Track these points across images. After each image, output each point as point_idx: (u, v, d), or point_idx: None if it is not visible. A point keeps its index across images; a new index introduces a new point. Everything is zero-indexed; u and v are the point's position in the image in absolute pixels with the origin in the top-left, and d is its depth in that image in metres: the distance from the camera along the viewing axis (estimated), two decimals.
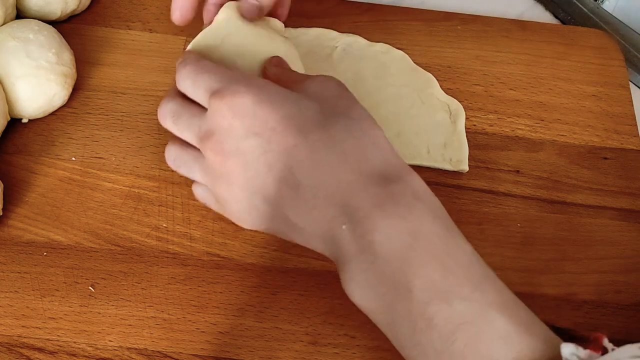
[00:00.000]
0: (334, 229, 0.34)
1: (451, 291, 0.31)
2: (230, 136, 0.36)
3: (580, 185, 0.47)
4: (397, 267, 0.32)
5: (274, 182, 0.35)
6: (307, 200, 0.35)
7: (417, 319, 0.32)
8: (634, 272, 0.44)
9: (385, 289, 0.33)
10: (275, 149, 0.35)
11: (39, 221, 0.43)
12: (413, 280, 0.32)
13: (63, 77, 0.46)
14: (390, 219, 0.33)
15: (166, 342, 0.39)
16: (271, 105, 0.36)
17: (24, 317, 0.40)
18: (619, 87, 0.52)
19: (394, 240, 0.33)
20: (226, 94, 0.36)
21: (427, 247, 0.33)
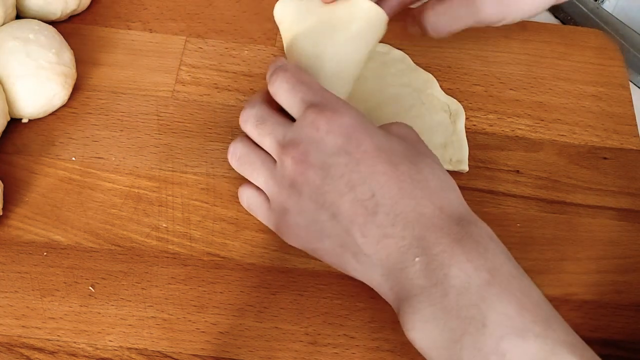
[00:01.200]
0: (405, 261, 0.35)
1: (526, 328, 0.32)
2: (319, 149, 0.36)
3: (580, 185, 0.47)
4: (472, 301, 0.33)
5: (351, 202, 0.36)
6: (383, 227, 0.35)
7: (490, 355, 0.32)
8: (633, 272, 0.44)
9: (455, 323, 0.33)
10: (362, 170, 0.36)
11: (39, 221, 0.43)
12: (488, 314, 0.32)
13: (63, 77, 0.46)
14: (469, 255, 0.34)
15: (166, 342, 0.39)
16: (367, 132, 0.37)
17: (24, 317, 0.40)
18: (619, 87, 0.52)
19: (472, 275, 0.33)
20: (326, 110, 0.37)
21: (504, 284, 0.33)
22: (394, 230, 0.35)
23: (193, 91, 0.50)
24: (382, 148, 0.37)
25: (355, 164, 0.36)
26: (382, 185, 0.36)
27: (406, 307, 0.34)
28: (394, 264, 0.35)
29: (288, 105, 0.39)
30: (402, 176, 0.36)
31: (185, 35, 0.52)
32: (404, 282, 0.35)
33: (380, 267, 0.36)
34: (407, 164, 0.36)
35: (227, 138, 0.47)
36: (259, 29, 0.53)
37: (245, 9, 0.54)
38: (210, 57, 0.51)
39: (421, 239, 0.35)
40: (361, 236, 0.36)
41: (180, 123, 0.48)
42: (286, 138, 0.38)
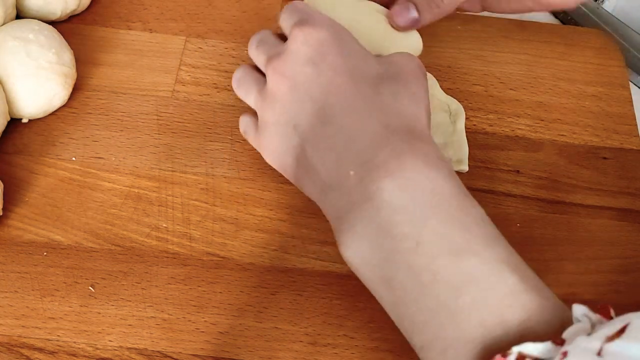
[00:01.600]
0: (341, 175, 0.34)
1: (463, 247, 0.31)
2: (294, 60, 0.38)
3: (580, 185, 0.47)
4: (406, 219, 0.32)
5: (309, 113, 0.37)
6: (329, 138, 0.36)
7: (421, 272, 0.31)
8: (633, 272, 0.44)
9: (388, 241, 0.32)
10: (323, 82, 0.37)
11: (39, 221, 0.43)
12: (422, 233, 0.31)
13: (63, 77, 0.46)
14: (407, 170, 0.33)
15: (166, 342, 0.39)
16: (340, 48, 0.38)
17: (24, 317, 0.40)
18: (619, 87, 0.52)
19: (407, 190, 0.32)
20: (307, 24, 0.38)
21: (443, 202, 0.32)
22: (336, 142, 0.35)
23: (193, 91, 0.50)
24: (349, 64, 0.37)
25: (317, 75, 0.37)
26: (337, 97, 0.36)
27: (340, 224, 0.34)
28: (333, 179, 0.35)
29: (285, 28, 0.40)
30: (357, 93, 0.36)
31: (185, 35, 0.52)
32: (339, 198, 0.34)
33: (323, 183, 0.36)
34: (369, 83, 0.37)
35: (227, 138, 0.47)
36: (259, 29, 0.53)
37: (245, 9, 0.54)
38: (210, 57, 0.51)
39: (360, 152, 0.34)
40: (311, 148, 0.36)
41: (180, 123, 0.48)
42: (274, 52, 0.39)
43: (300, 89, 0.37)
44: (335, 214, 0.35)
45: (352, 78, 0.37)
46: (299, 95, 0.37)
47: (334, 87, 0.37)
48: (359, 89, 0.36)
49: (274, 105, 0.38)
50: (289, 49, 0.38)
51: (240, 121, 0.43)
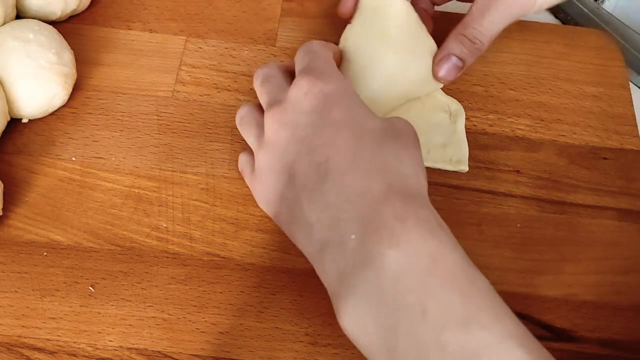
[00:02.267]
0: (342, 236, 0.33)
1: (470, 318, 0.30)
2: (295, 109, 0.37)
3: (580, 185, 0.47)
4: (410, 287, 0.30)
5: (307, 164, 0.36)
6: (328, 194, 0.34)
7: (429, 345, 0.29)
8: (633, 273, 0.44)
9: (389, 309, 0.30)
10: (325, 135, 0.36)
11: (39, 221, 0.43)
12: (428, 303, 0.30)
13: (63, 77, 0.46)
14: (410, 236, 0.31)
15: (166, 342, 0.39)
16: (344, 103, 0.37)
17: (24, 317, 0.40)
18: (619, 87, 0.52)
19: (411, 258, 0.31)
20: (314, 74, 0.37)
21: (448, 272, 0.31)
22: (337, 200, 0.34)
23: (193, 91, 0.50)
24: (354, 120, 0.36)
25: (321, 128, 0.36)
26: (338, 152, 0.35)
27: (338, 290, 0.32)
28: (332, 238, 0.33)
29: (296, 68, 0.40)
30: (360, 150, 0.35)
31: (185, 35, 0.52)
32: (338, 261, 0.33)
33: (319, 242, 0.34)
34: (372, 141, 0.36)
35: (227, 138, 0.47)
36: (259, 29, 0.53)
37: (245, 9, 0.54)
38: (210, 57, 0.51)
39: (362, 215, 0.33)
40: (307, 202, 0.35)
41: (180, 123, 0.48)
42: (276, 97, 0.39)
43: (300, 140, 0.36)
44: (332, 276, 0.33)
45: (355, 135, 0.36)
46: (297, 146, 0.36)
47: (337, 142, 0.35)
48: (361, 146, 0.35)
49: (271, 152, 0.38)
50: (292, 97, 0.37)
51: (239, 159, 0.43)
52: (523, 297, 0.42)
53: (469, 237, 0.44)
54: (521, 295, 0.42)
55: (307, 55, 0.40)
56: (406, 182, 0.34)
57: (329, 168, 0.35)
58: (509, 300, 0.42)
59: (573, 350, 0.41)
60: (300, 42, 0.53)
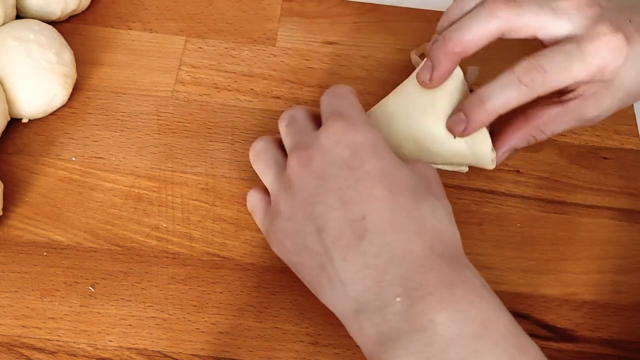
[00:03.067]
0: (384, 299, 0.32)
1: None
2: (324, 158, 0.35)
3: (580, 185, 0.47)
4: (461, 355, 0.30)
5: (339, 219, 0.34)
6: (366, 255, 0.33)
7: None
8: (633, 272, 0.44)
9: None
10: (359, 190, 0.34)
11: (39, 221, 0.43)
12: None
13: (63, 77, 0.46)
14: (460, 303, 0.31)
15: (166, 342, 0.39)
16: (376, 154, 0.35)
17: (24, 317, 0.40)
18: None
19: (462, 325, 0.30)
20: (344, 121, 0.36)
21: (498, 338, 0.31)
22: (377, 261, 0.33)
23: (193, 91, 0.50)
24: (387, 174, 0.34)
25: (354, 181, 0.34)
26: (375, 210, 0.33)
27: (379, 353, 0.31)
28: (371, 300, 0.32)
29: (324, 111, 0.38)
30: (398, 207, 0.34)
31: (185, 35, 0.52)
32: (379, 323, 0.32)
33: (355, 301, 0.33)
34: (408, 197, 0.34)
35: (227, 138, 0.47)
36: (259, 29, 0.53)
37: (245, 9, 0.54)
38: (210, 57, 0.51)
39: (405, 278, 0.32)
40: (341, 259, 0.33)
41: (180, 123, 0.48)
42: (302, 142, 0.37)
43: (330, 190, 0.34)
44: (372, 338, 0.32)
45: (391, 190, 0.34)
46: (327, 197, 0.34)
47: (372, 199, 0.34)
48: (399, 203, 0.34)
49: (294, 198, 0.36)
50: (321, 143, 0.35)
51: (248, 196, 0.41)
52: (524, 296, 0.42)
53: (470, 237, 0.44)
54: (522, 295, 0.42)
55: (335, 99, 0.38)
56: (446, 242, 0.34)
57: (367, 227, 0.33)
58: (510, 300, 0.42)
59: (573, 350, 0.41)
60: (300, 42, 0.53)
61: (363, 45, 0.53)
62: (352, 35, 0.53)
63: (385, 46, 0.53)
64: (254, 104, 0.49)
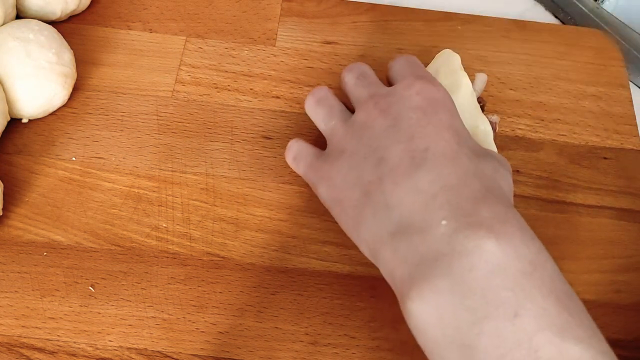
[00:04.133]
0: (429, 220, 0.31)
1: (567, 329, 0.28)
2: (403, 103, 0.37)
3: (580, 184, 0.47)
4: (506, 284, 0.29)
5: (403, 150, 0.35)
6: (419, 181, 0.33)
7: (517, 346, 0.28)
8: (633, 272, 0.44)
9: (477, 302, 0.29)
10: (428, 130, 0.35)
11: (39, 221, 0.43)
12: (524, 303, 0.28)
13: (63, 77, 0.46)
14: (511, 239, 0.30)
15: (166, 342, 0.39)
16: (451, 113, 0.37)
17: (24, 317, 0.40)
18: (619, 87, 0.52)
19: (511, 257, 0.29)
20: (428, 81, 0.38)
21: (546, 280, 0.30)
22: (430, 187, 0.32)
23: (193, 91, 0.50)
24: (456, 128, 0.36)
25: (425, 123, 0.36)
26: (438, 146, 0.34)
27: (414, 273, 0.30)
28: (415, 222, 0.32)
29: (397, 74, 0.40)
30: (460, 153, 0.35)
31: (185, 35, 0.52)
32: (417, 245, 0.31)
33: (396, 224, 0.32)
34: (471, 152, 0.36)
35: (227, 138, 0.47)
36: (259, 29, 0.53)
37: (245, 9, 0.54)
38: (210, 57, 0.51)
39: (456, 205, 0.31)
40: (392, 183, 0.34)
41: (180, 123, 0.48)
42: (379, 92, 0.39)
43: (400, 129, 0.36)
44: (410, 260, 0.31)
45: (457, 141, 0.35)
46: (396, 133, 0.36)
47: (438, 139, 0.35)
48: (462, 150, 0.35)
49: (362, 136, 0.37)
50: (400, 93, 0.38)
51: (290, 146, 0.42)
52: None
53: None
54: None
55: (409, 65, 0.40)
56: (503, 193, 0.34)
57: (427, 157, 0.34)
58: None
59: None
60: (300, 41, 0.53)
61: (362, 45, 0.53)
62: (351, 35, 0.53)
63: (384, 46, 0.53)
64: (254, 103, 0.49)
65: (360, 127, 0.37)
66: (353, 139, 0.37)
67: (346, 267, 0.42)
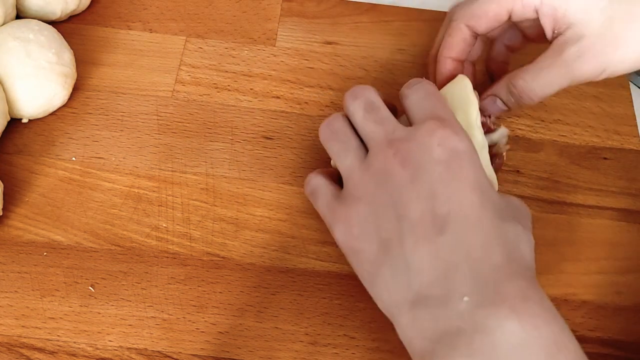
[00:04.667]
0: (450, 294, 0.31)
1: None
2: (423, 153, 0.34)
3: (580, 185, 0.47)
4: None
5: (423, 210, 0.33)
6: (441, 248, 0.32)
7: None
8: (633, 273, 0.44)
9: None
10: (451, 188, 0.33)
11: (39, 221, 0.43)
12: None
13: (63, 77, 0.46)
14: (534, 318, 0.30)
15: (166, 342, 0.39)
16: (474, 165, 0.35)
17: (24, 317, 0.40)
18: (619, 87, 0.52)
19: (533, 338, 0.29)
20: (449, 127, 0.35)
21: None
22: (451, 257, 0.32)
23: (193, 91, 0.50)
24: (479, 185, 0.34)
25: (448, 180, 0.34)
26: (462, 209, 0.33)
27: (434, 348, 0.30)
28: (435, 294, 0.31)
29: (416, 109, 0.37)
30: (484, 215, 0.33)
31: (185, 35, 0.52)
32: (438, 319, 0.31)
33: (415, 293, 0.32)
34: (495, 212, 0.34)
35: (227, 138, 0.47)
36: (259, 29, 0.53)
37: (245, 9, 0.54)
38: (210, 57, 0.51)
39: (477, 279, 0.31)
40: (413, 244, 0.33)
41: (180, 123, 0.48)
42: (396, 133, 0.36)
43: (423, 185, 0.34)
44: (429, 336, 0.31)
45: (481, 200, 0.33)
46: (417, 189, 0.34)
47: (462, 199, 0.33)
48: (485, 213, 0.33)
49: (380, 183, 0.35)
50: (420, 139, 0.35)
51: (309, 180, 0.40)
52: None
53: None
54: None
55: (427, 99, 0.37)
56: (525, 264, 0.33)
57: (449, 222, 0.32)
58: None
59: None
60: (300, 42, 0.53)
61: (362, 45, 0.53)
62: (351, 35, 0.53)
63: (384, 46, 0.53)
64: (254, 103, 0.49)
65: (379, 173, 0.35)
66: (370, 185, 0.35)
67: (346, 268, 0.42)
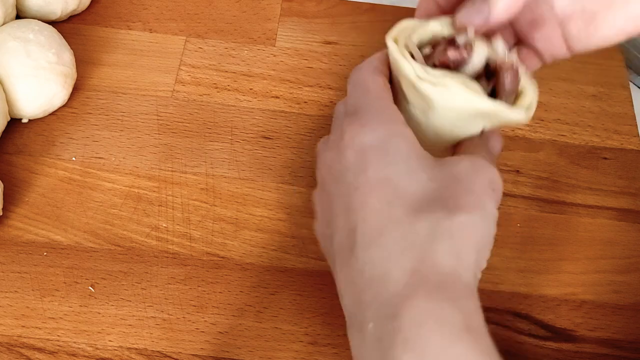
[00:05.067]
0: (362, 322, 0.30)
1: None
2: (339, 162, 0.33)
3: (580, 185, 0.47)
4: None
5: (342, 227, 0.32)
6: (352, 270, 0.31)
7: None
8: (633, 272, 0.44)
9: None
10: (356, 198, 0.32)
11: (39, 221, 0.43)
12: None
13: (63, 77, 0.46)
14: (425, 347, 0.27)
15: (166, 342, 0.39)
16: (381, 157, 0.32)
17: (24, 317, 0.40)
18: (619, 87, 0.52)
19: None
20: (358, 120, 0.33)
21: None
22: (360, 279, 0.31)
23: (193, 91, 0.50)
24: (389, 181, 0.31)
25: (354, 189, 0.32)
26: (365, 221, 0.31)
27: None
28: (355, 317, 0.31)
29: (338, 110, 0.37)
30: (389, 221, 0.30)
31: (185, 35, 0.52)
32: (359, 344, 0.30)
33: (347, 312, 0.32)
34: (405, 210, 0.30)
35: (227, 138, 0.47)
36: (258, 29, 0.53)
37: (245, 9, 0.54)
38: (210, 57, 0.51)
39: (379, 303, 0.29)
40: (339, 269, 0.32)
41: (180, 123, 0.48)
42: (330, 140, 0.35)
43: (339, 199, 0.33)
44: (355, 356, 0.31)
45: (387, 201, 0.31)
46: (336, 206, 0.33)
47: (365, 209, 0.31)
48: (391, 216, 0.30)
49: (321, 202, 0.36)
50: (335, 145, 0.34)
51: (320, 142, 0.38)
52: (523, 296, 0.42)
53: None
54: (521, 295, 0.42)
55: (354, 90, 0.35)
56: (438, 263, 0.29)
57: (356, 240, 0.31)
58: (509, 299, 0.42)
59: (572, 349, 0.41)
60: (300, 41, 0.53)
61: (362, 45, 0.53)
62: (351, 35, 0.53)
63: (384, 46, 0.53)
64: (254, 103, 0.49)
65: (320, 185, 0.36)
66: (318, 202, 0.36)
67: None
